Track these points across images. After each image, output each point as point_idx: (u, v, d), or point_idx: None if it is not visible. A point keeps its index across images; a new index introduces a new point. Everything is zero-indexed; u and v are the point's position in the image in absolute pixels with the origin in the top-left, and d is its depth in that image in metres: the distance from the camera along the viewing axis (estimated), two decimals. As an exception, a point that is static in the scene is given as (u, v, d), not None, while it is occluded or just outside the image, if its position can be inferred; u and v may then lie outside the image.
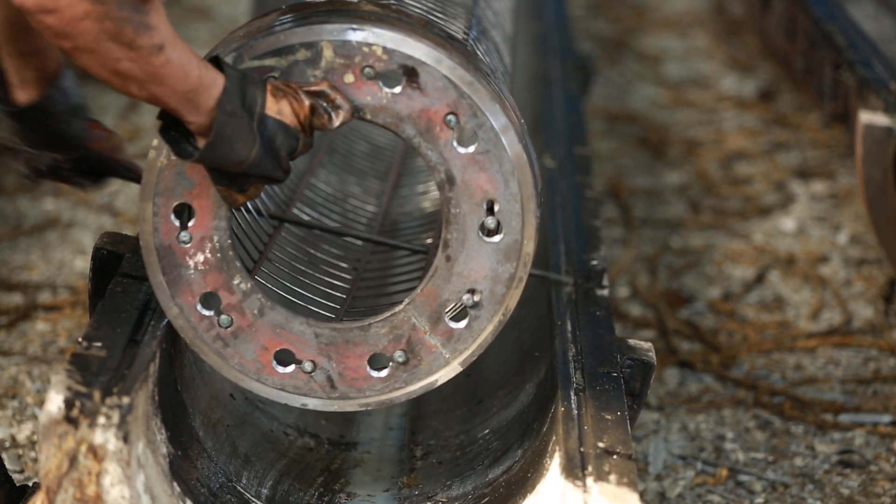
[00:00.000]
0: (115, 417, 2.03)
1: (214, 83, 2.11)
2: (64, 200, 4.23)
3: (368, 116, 2.21)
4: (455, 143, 2.22)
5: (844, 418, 3.32)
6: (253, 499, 2.43)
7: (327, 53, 2.19)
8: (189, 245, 2.24)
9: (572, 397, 2.31)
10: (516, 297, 2.28)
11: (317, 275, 2.72)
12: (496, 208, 2.24)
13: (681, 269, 4.03)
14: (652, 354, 2.43)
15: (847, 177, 4.59)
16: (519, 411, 2.60)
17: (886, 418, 3.32)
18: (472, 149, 2.22)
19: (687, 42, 5.94)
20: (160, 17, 2.06)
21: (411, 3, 2.44)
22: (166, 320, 2.28)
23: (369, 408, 2.34)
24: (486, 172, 2.22)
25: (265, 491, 2.46)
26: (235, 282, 2.27)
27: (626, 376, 2.39)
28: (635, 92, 5.40)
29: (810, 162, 4.75)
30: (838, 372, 3.53)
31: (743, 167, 4.72)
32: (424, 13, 2.38)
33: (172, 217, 2.23)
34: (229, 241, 2.25)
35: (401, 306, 2.29)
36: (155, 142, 2.21)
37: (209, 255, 2.25)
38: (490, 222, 2.24)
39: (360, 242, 2.98)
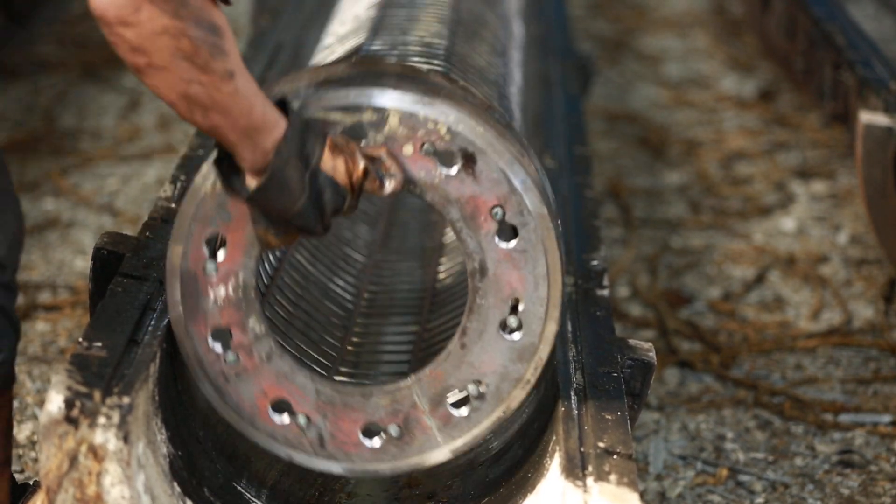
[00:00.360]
0: (116, 417, 2.03)
1: (277, 125, 2.09)
2: (64, 200, 4.23)
3: (417, 191, 2.20)
4: (496, 236, 2.21)
5: (844, 418, 3.32)
6: (253, 499, 2.43)
7: (393, 121, 2.17)
8: (214, 277, 2.24)
9: (572, 397, 2.31)
10: (520, 399, 2.27)
11: (310, 326, 2.73)
12: (521, 308, 2.23)
13: (681, 269, 4.03)
14: (652, 354, 2.42)
15: (847, 177, 4.59)
16: (519, 411, 2.60)
17: (886, 418, 3.32)
18: (511, 245, 2.21)
19: (687, 42, 5.94)
20: (233, 45, 2.04)
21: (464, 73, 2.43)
22: (167, 320, 2.28)
23: (353, 475, 2.33)
24: (519, 271, 2.21)
25: (265, 491, 2.46)
26: (250, 323, 2.26)
27: (626, 376, 2.39)
28: (635, 92, 5.40)
29: (810, 162, 4.75)
30: (838, 372, 3.53)
31: (743, 167, 4.72)
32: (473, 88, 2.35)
33: (203, 246, 2.22)
34: (253, 281, 2.24)
35: (406, 382, 2.28)
36: (204, 168, 2.18)
37: (231, 291, 2.24)
38: (512, 321, 2.24)
39: (350, 297, 2.99)
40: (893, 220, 3.57)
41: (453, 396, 2.27)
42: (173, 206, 2.72)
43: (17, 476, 2.75)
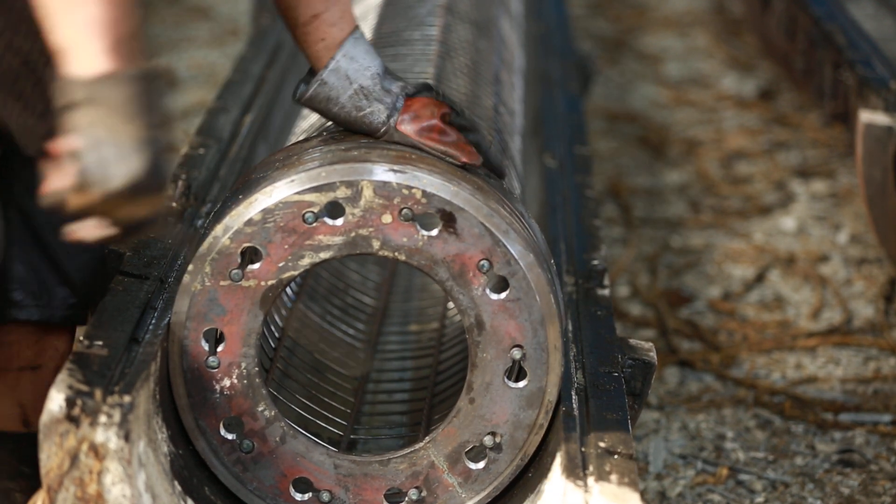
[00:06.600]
0: (117, 416, 2.03)
1: None
2: (64, 199, 4.23)
3: (403, 257, 2.21)
4: (487, 290, 2.22)
5: (845, 417, 3.32)
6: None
7: (367, 193, 2.18)
8: (216, 370, 2.26)
9: (573, 397, 2.31)
10: (536, 443, 2.28)
11: (321, 392, 2.74)
12: (523, 355, 2.25)
13: (681, 269, 4.03)
14: (653, 354, 2.42)
15: (847, 176, 4.60)
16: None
17: (887, 417, 3.32)
18: (503, 296, 2.22)
19: (687, 42, 5.94)
20: None
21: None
22: (168, 319, 2.28)
23: None
24: (516, 320, 2.22)
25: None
26: (260, 408, 2.28)
27: (626, 376, 2.39)
28: (635, 92, 5.40)
29: (810, 161, 4.75)
30: (838, 371, 3.53)
31: (743, 167, 4.72)
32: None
33: (202, 341, 2.24)
34: (256, 369, 2.26)
35: (421, 443, 2.30)
36: (190, 267, 2.21)
37: (236, 381, 2.26)
38: (516, 369, 2.25)
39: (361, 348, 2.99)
40: (893, 219, 3.57)
41: (470, 451, 2.28)
42: (174, 205, 2.72)
43: (17, 475, 2.75)
